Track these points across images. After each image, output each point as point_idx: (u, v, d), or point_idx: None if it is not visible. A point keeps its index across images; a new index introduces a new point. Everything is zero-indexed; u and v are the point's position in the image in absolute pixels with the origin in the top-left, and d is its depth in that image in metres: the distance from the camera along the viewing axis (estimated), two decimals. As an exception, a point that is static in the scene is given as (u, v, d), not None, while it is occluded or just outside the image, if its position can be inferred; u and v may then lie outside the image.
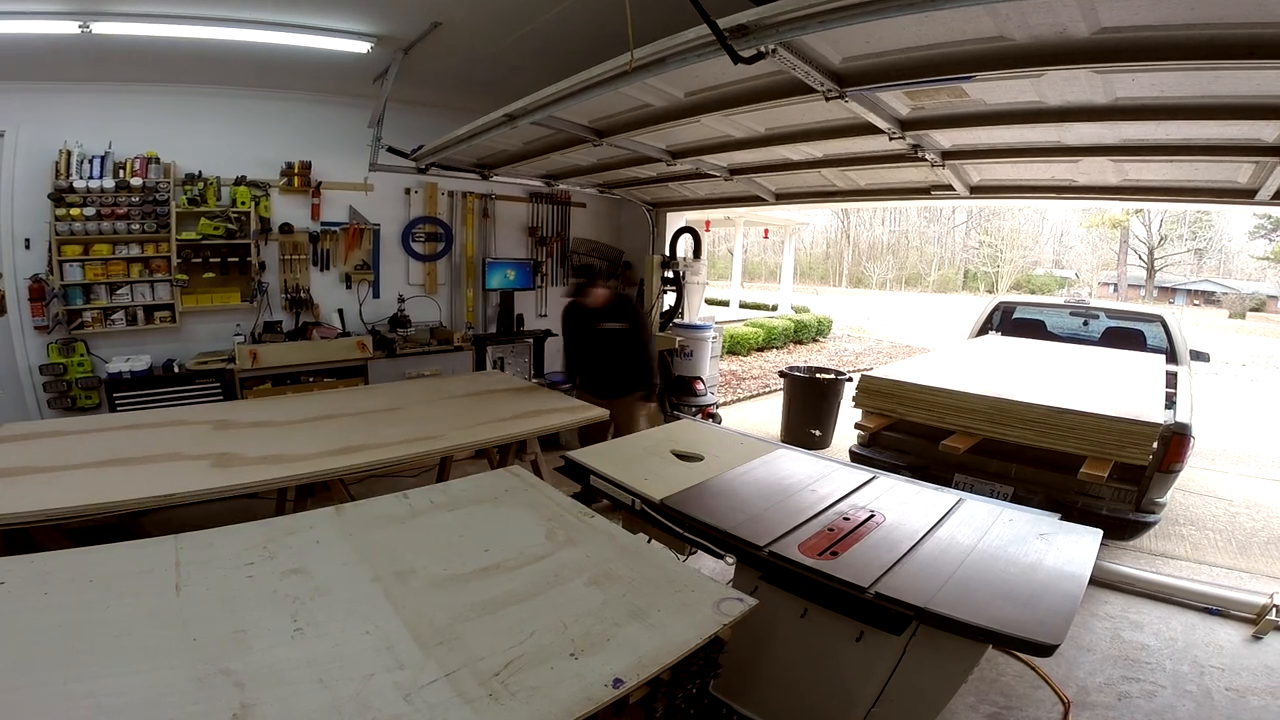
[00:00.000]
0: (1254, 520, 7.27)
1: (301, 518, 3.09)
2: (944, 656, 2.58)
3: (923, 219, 53.38)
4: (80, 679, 1.86)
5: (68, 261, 6.66)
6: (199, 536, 2.76)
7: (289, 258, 8.02)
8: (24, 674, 1.87)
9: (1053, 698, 4.04)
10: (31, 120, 6.55)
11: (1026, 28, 3.06)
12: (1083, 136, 4.55)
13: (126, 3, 5.10)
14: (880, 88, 3.82)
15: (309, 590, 2.39)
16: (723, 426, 5.86)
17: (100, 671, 1.90)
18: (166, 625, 2.14)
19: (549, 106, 4.71)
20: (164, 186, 7.01)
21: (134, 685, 1.85)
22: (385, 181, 8.28)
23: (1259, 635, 4.80)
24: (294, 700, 1.83)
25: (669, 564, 2.70)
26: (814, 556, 2.92)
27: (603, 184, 9.00)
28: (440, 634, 2.15)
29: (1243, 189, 5.03)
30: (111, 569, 2.47)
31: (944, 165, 5.34)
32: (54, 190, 6.52)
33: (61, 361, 6.74)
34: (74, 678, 1.86)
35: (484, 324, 9.89)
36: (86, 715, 1.74)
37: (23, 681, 1.84)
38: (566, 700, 1.86)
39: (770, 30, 2.99)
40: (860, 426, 6.03)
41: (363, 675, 1.93)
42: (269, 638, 2.10)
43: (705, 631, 2.22)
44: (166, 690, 1.84)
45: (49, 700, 1.78)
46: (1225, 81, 3.40)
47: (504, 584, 2.49)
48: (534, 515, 3.15)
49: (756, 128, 5.35)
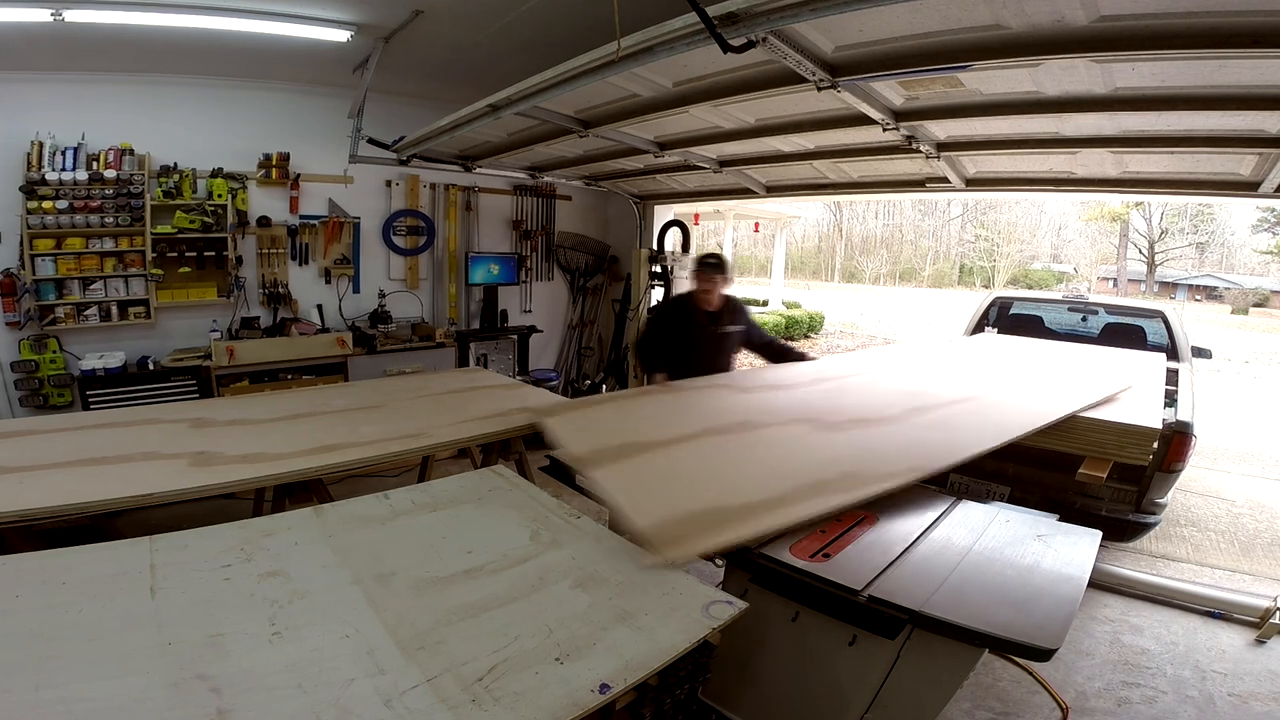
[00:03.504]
0: (1257, 521, 7.31)
1: (280, 519, 3.08)
2: (939, 661, 2.58)
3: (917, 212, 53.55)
4: (51, 684, 1.85)
5: (40, 256, 6.64)
6: (174, 538, 2.75)
7: (267, 252, 8.02)
8: (-7, 679, 1.87)
9: (1051, 703, 4.05)
10: (2, 111, 6.52)
11: (1023, 15, 3.07)
12: (1081, 127, 4.57)
13: (101, -12, 5.09)
14: (873, 77, 3.84)
15: (288, 593, 2.38)
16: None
17: (72, 676, 1.89)
18: (141, 629, 2.13)
19: (534, 96, 4.72)
20: (138, 179, 6.99)
21: (107, 691, 1.84)
22: (366, 174, 8.28)
23: (1263, 639, 4.81)
24: (272, 706, 1.82)
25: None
26: (806, 558, 2.91)
27: (589, 176, 9.02)
28: (422, 638, 2.14)
29: (1246, 181, 5.06)
30: (84, 571, 2.46)
31: (939, 157, 5.36)
32: (25, 182, 6.50)
33: (33, 359, 6.72)
34: (45, 683, 1.85)
35: (467, 320, 9.93)
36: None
37: (-8, 687, 1.83)
38: (552, 706, 1.86)
39: (760, 18, 3.01)
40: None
41: (343, 680, 1.93)
42: (246, 642, 2.10)
43: (694, 635, 2.22)
44: (141, 696, 1.83)
45: (18, 706, 1.77)
46: (1228, 71, 3.42)
47: (487, 586, 2.49)
48: (518, 516, 3.15)
49: (747, 118, 5.36)
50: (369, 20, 5.82)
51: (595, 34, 3.63)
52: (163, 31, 5.74)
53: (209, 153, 7.53)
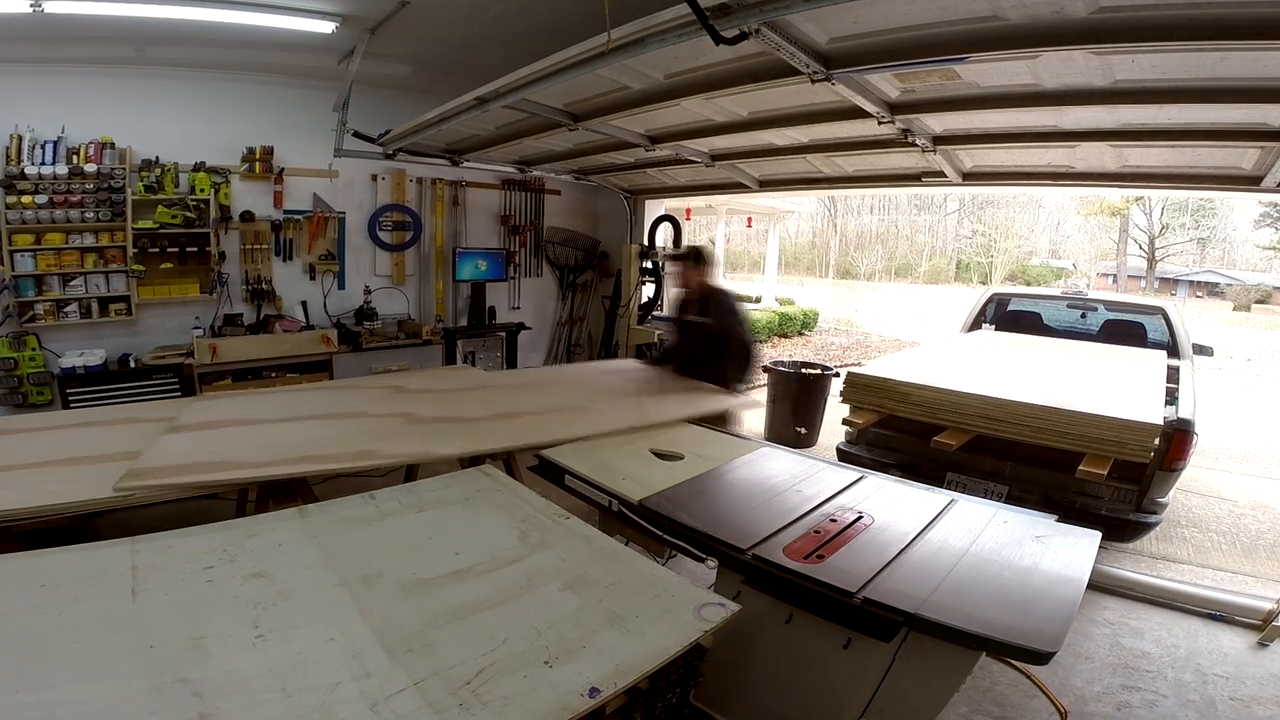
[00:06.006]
0: (1259, 522, 7.30)
1: (263, 519, 3.08)
2: (936, 664, 2.58)
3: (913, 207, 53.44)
4: (31, 688, 1.85)
5: (19, 251, 6.64)
6: (156, 539, 2.74)
7: (250, 247, 8.02)
8: (-30, 682, 1.86)
9: (1049, 708, 4.05)
10: (-20, 103, 6.51)
11: (1021, 6, 3.08)
12: (1080, 120, 4.58)
13: (81, -22, 5.09)
14: (869, 69, 3.85)
15: (271, 595, 2.38)
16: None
17: (52, 680, 1.89)
18: (122, 631, 2.13)
19: (522, 89, 4.73)
20: (119, 173, 6.99)
21: (88, 694, 1.84)
22: (351, 168, 8.29)
23: (1265, 642, 4.81)
24: (255, 710, 1.82)
25: (648, 568, 2.70)
26: (799, 560, 2.92)
27: (578, 170, 9.02)
28: (409, 641, 2.14)
29: (1247, 175, 5.07)
30: (65, 573, 2.45)
31: (935, 151, 5.37)
32: (4, 176, 6.50)
33: (12, 356, 6.71)
34: (24, 686, 1.85)
35: (454, 316, 9.95)
36: (37, 726, 1.73)
37: (-31, 690, 1.83)
38: (540, 710, 1.86)
39: (753, 9, 3.01)
40: (848, 422, 6.01)
41: (328, 684, 1.93)
42: (229, 645, 2.10)
43: (686, 638, 2.22)
44: (122, 699, 1.83)
45: (-4, 710, 1.77)
46: (1230, 63, 3.43)
47: (475, 588, 2.49)
48: (506, 517, 3.14)
49: (739, 111, 5.37)
50: (354, 11, 5.82)
51: (585, 25, 3.63)
52: (143, 23, 5.74)
53: (191, 146, 7.53)
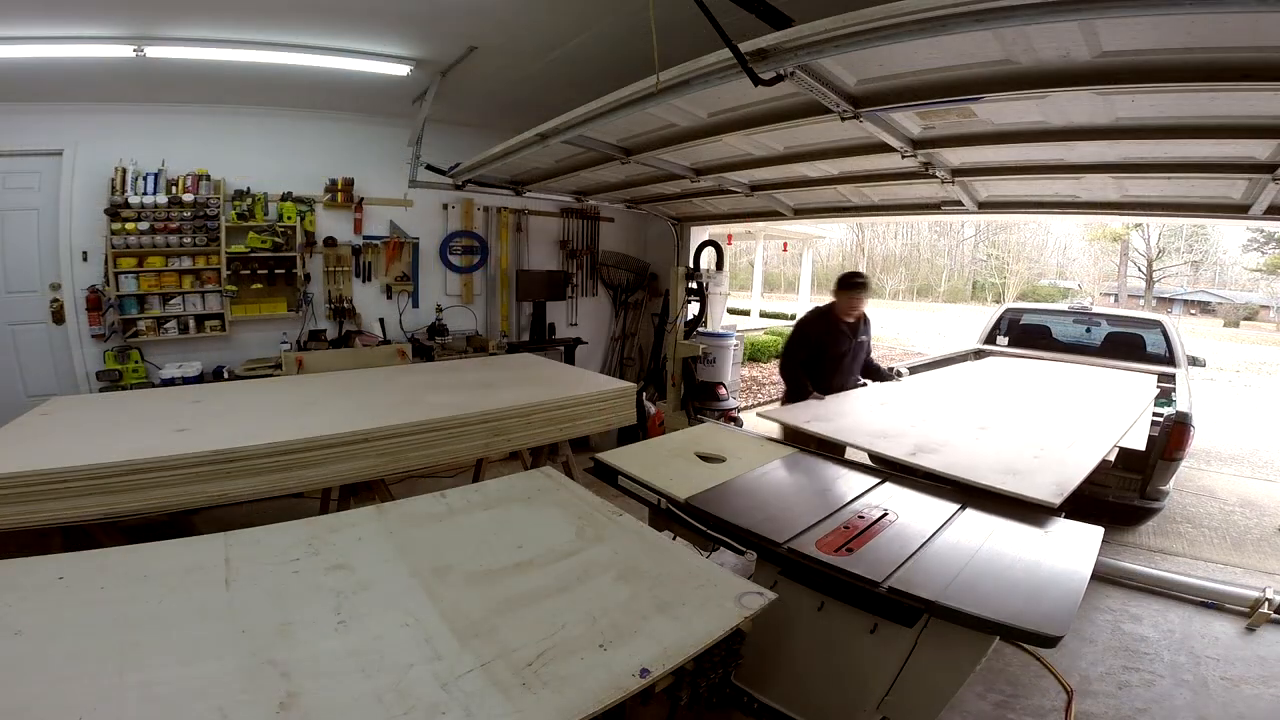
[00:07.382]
0: (1247, 519, 7.25)
1: (344, 516, 3.07)
2: (954, 647, 2.55)
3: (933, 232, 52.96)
4: (134, 669, 1.85)
5: (123, 273, 6.75)
6: (247, 534, 2.74)
7: (333, 269, 8.09)
8: (80, 664, 1.86)
9: (1057, 686, 4.01)
10: (89, 139, 6.65)
11: (1032, 52, 3.05)
12: (1085, 155, 4.52)
13: (178, 28, 5.15)
14: (893, 108, 3.81)
15: (352, 585, 2.37)
16: (743, 430, 5.81)
17: (153, 662, 1.88)
18: (216, 618, 2.13)
19: (579, 126, 4.71)
20: (214, 202, 7.08)
21: (185, 675, 1.84)
22: (424, 197, 8.31)
23: (1252, 628, 4.79)
24: (337, 689, 1.81)
25: (693, 560, 2.67)
26: (830, 552, 2.89)
27: (630, 199, 8.99)
28: (476, 626, 2.13)
29: (1236, 204, 5.01)
30: (164, 565, 2.46)
31: (954, 182, 5.31)
32: (110, 205, 6.61)
33: (117, 368, 6.80)
34: (128, 667, 1.85)
35: (517, 332, 9.95)
36: (139, 704, 1.73)
37: (79, 671, 1.83)
38: (596, 689, 1.84)
39: (789, 54, 2.99)
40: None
41: (403, 665, 1.92)
42: (314, 630, 2.09)
43: (727, 624, 2.19)
44: (216, 680, 1.82)
45: (104, 689, 1.76)
46: (1221, 103, 3.37)
47: (536, 579, 2.47)
48: (564, 514, 3.12)
49: (776, 146, 5.33)
50: (427, 56, 5.86)
51: (636, 68, 3.61)
52: (236, 66, 5.81)
53: (279, 177, 7.62)
